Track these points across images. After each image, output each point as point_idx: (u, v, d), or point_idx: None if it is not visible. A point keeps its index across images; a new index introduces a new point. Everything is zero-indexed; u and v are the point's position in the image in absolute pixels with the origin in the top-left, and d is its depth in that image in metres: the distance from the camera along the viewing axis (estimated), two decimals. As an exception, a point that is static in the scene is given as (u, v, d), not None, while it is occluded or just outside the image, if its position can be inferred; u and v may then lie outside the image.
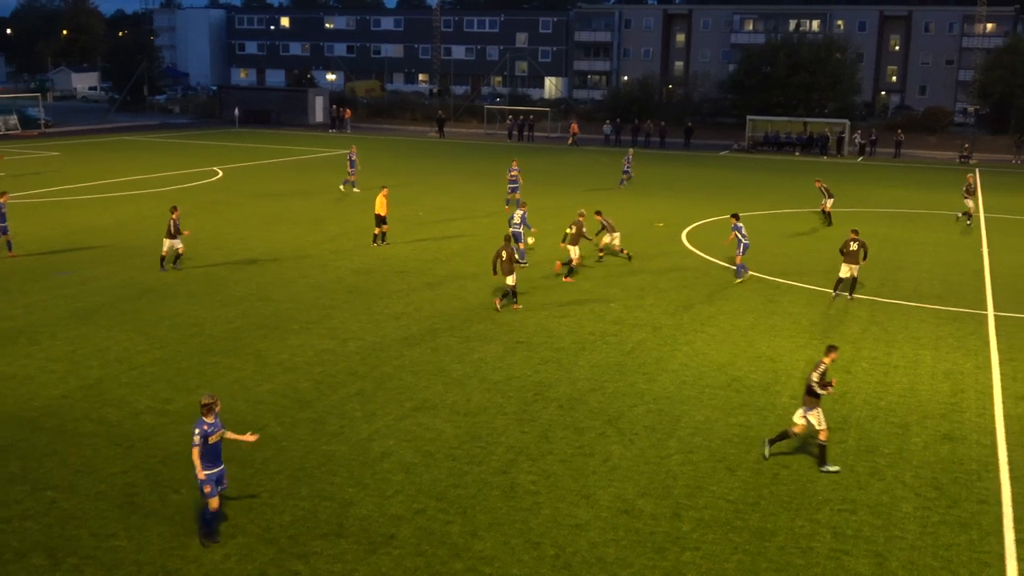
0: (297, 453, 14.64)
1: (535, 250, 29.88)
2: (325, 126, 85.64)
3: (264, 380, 17.89)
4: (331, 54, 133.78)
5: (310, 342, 20.33)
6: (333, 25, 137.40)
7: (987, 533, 12.71)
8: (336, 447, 14.90)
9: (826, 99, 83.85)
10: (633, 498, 13.42)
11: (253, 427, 15.51)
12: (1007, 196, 49.00)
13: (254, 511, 12.75)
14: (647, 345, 20.77)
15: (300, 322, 21.82)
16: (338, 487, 13.51)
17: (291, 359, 19.17)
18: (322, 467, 14.16)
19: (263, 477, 13.77)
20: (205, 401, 12.08)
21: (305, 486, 13.50)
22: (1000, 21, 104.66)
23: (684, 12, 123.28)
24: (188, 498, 13.01)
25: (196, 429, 11.93)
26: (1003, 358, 20.48)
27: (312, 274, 26.63)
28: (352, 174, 43.94)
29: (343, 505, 12.99)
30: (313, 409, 16.50)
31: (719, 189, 48.33)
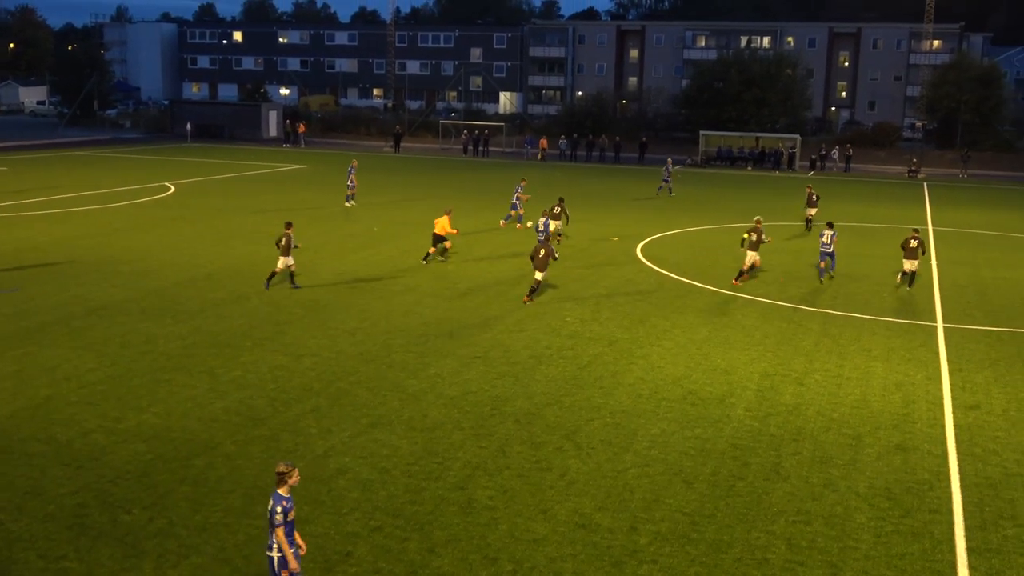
0: (251, 471, 14.47)
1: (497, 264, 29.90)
2: (279, 141, 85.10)
3: (217, 397, 17.68)
4: (284, 68, 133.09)
5: (264, 358, 20.13)
6: (287, 39, 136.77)
7: (939, 542, 12.87)
8: (291, 464, 14.74)
9: (777, 114, 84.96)
10: (590, 512, 13.43)
11: (206, 445, 15.34)
12: (955, 210, 49.88)
13: (208, 531, 12.57)
14: (603, 359, 20.83)
15: (254, 338, 21.61)
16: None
17: (245, 376, 18.97)
18: (277, 485, 14.00)
19: (217, 496, 13.59)
20: (281, 469, 10.34)
21: (260, 504, 13.33)
22: (946, 38, 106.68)
23: (637, 28, 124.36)
24: (140, 518, 12.80)
25: (278, 506, 10.17)
26: (952, 369, 20.80)
27: (266, 290, 26.39)
28: (351, 188, 43.87)
29: (298, 523, 12.78)
30: (267, 426, 16.33)
31: (673, 203, 48.68)
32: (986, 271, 32.47)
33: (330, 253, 32.12)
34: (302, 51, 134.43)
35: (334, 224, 38.45)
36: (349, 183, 44.02)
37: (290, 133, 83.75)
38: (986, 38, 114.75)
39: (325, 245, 33.57)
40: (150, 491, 13.67)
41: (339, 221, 39.28)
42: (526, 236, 36.54)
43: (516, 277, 28.96)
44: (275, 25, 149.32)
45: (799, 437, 16.52)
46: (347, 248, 33.11)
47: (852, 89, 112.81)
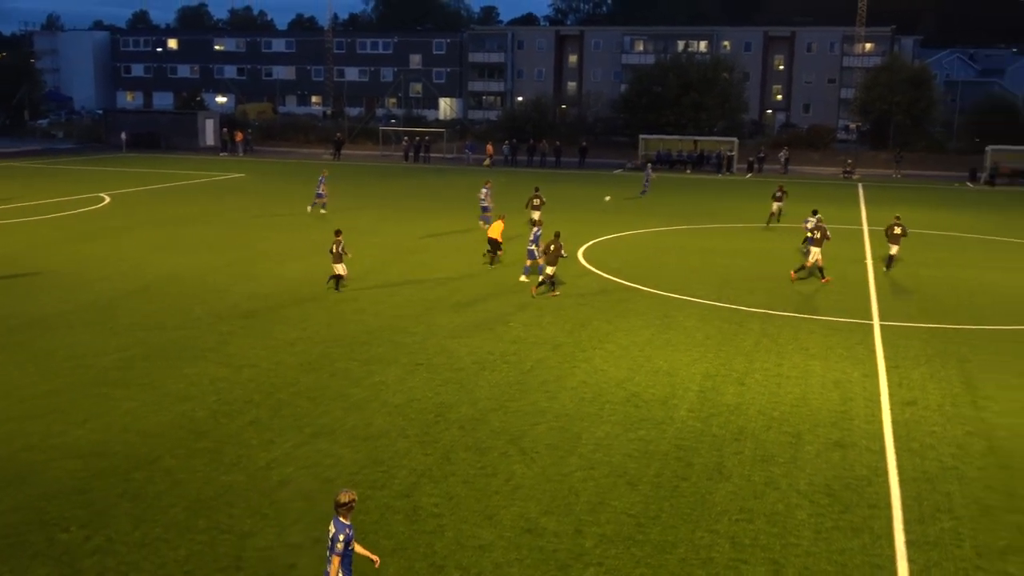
0: (193, 485, 14.27)
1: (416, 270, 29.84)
2: (216, 149, 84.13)
3: (158, 411, 17.41)
4: (221, 76, 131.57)
5: (205, 370, 19.87)
6: (223, 47, 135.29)
7: (878, 536, 13.10)
8: (233, 477, 14.58)
9: (715, 118, 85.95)
10: (536, 516, 13.45)
11: (146, 459, 15.10)
12: (889, 209, 50.77)
13: (148, 547, 12.37)
14: (547, 363, 20.89)
15: (194, 350, 21.33)
16: (236, 519, 13.21)
17: (185, 388, 18.71)
18: (219, 498, 13.83)
19: (157, 512, 13.38)
20: (345, 500, 9.98)
21: (202, 519, 13.17)
22: (878, 41, 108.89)
23: (576, 33, 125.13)
24: (77, 536, 12.56)
25: (340, 534, 9.92)
26: (889, 366, 21.19)
27: (207, 301, 26.07)
28: (322, 196, 43.98)
29: (241, 537, 12.71)
30: (209, 439, 16.12)
31: (614, 207, 48.97)
32: (920, 269, 33.13)
33: (271, 262, 31.82)
34: (239, 58, 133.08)
35: (275, 232, 38.10)
36: (319, 191, 44.17)
37: (228, 141, 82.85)
38: (916, 41, 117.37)
39: (265, 254, 33.24)
40: (88, 508, 13.42)
41: (280, 229, 38.92)
42: (474, 241, 36.55)
43: (459, 283, 28.94)
44: (211, 32, 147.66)
45: (741, 436, 16.71)
46: (288, 257, 32.82)
47: (787, 92, 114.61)
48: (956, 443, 16.59)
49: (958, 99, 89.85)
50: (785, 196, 44.95)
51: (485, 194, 41.06)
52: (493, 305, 26.30)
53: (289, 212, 44.40)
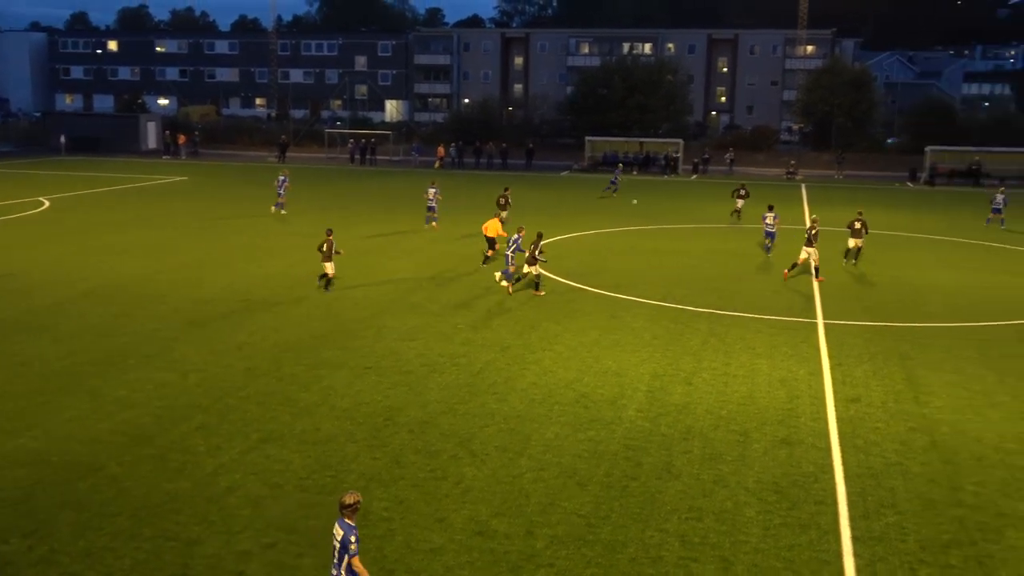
0: (138, 492, 14.04)
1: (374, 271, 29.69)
2: (159, 152, 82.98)
3: (101, 418, 17.11)
4: (163, 78, 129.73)
5: (150, 376, 19.57)
6: (165, 49, 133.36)
7: (825, 532, 13.27)
8: (180, 484, 14.37)
9: (660, 119, 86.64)
10: (487, 519, 13.43)
11: (91, 468, 14.83)
12: (831, 209, 51.52)
13: (93, 556, 12.15)
14: (496, 365, 20.88)
15: (138, 356, 20.99)
16: (183, 526, 13.03)
17: (130, 395, 18.41)
18: (165, 506, 13.63)
19: (102, 520, 13.14)
20: (350, 501, 10.13)
21: (148, 527, 12.96)
22: (819, 43, 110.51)
23: (521, 36, 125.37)
24: (19, 547, 12.29)
25: (352, 535, 9.98)
26: (833, 364, 21.49)
27: (151, 306, 25.69)
28: (281, 196, 44.37)
29: (188, 544, 12.53)
30: (154, 445, 15.87)
31: (561, 209, 49.15)
32: (862, 267, 33.65)
33: (217, 266, 31.46)
34: (181, 60, 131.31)
35: (220, 236, 37.67)
36: (280, 192, 44.64)
37: (170, 144, 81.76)
38: (857, 43, 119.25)
39: (211, 258, 32.86)
40: (30, 518, 13.14)
41: (226, 233, 38.49)
42: (422, 243, 36.44)
43: (408, 285, 28.84)
44: (152, 34, 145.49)
45: (689, 435, 16.84)
46: (234, 260, 32.47)
47: (731, 94, 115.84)
48: (899, 439, 16.86)
49: (898, 101, 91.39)
50: (747, 195, 46.63)
51: (432, 195, 41.43)
52: (442, 307, 26.24)
53: (234, 216, 43.95)
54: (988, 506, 14.17)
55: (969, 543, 13.01)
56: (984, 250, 38.55)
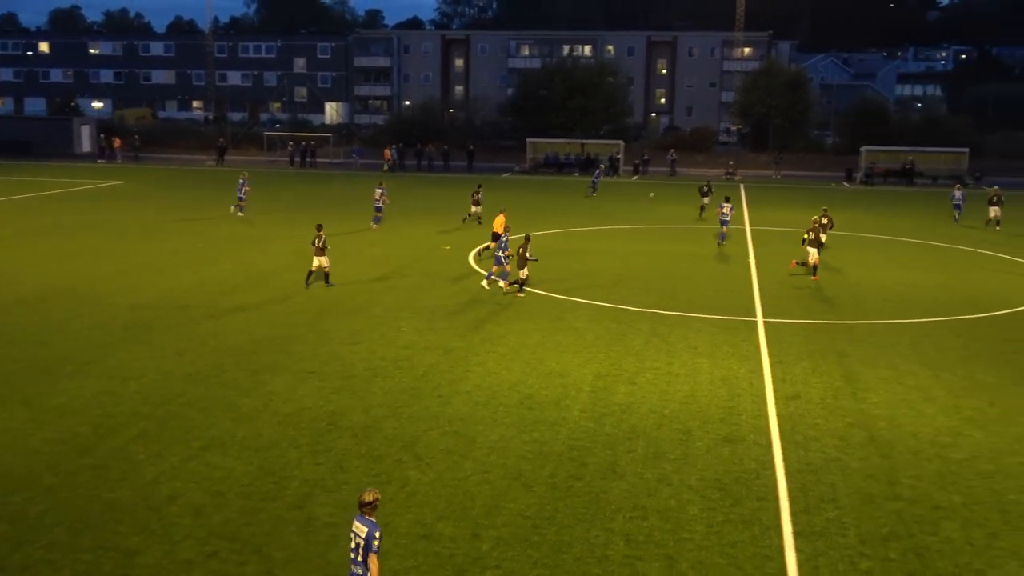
0: (77, 503, 13.77)
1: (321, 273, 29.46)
2: (93, 156, 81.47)
3: (37, 428, 16.74)
4: (97, 81, 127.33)
5: (87, 384, 19.21)
6: (98, 50, 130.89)
7: (767, 528, 13.44)
8: (119, 493, 14.12)
9: (601, 121, 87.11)
10: (432, 522, 13.39)
11: (26, 479, 14.51)
12: (769, 209, 52.27)
13: (30, 570, 11.89)
14: (440, 368, 20.84)
15: (75, 363, 20.59)
16: (123, 536, 12.80)
17: (67, 403, 18.04)
18: (104, 515, 13.38)
19: (39, 532, 12.86)
20: (370, 499, 10.20)
21: (87, 537, 12.72)
22: (756, 46, 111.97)
23: (461, 37, 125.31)
24: (-48, 561, 11.99)
25: (376, 532, 10.01)
26: (773, 361, 21.78)
27: (87, 312, 25.22)
28: (242, 199, 44.47)
29: (128, 555, 12.32)
30: (93, 455, 15.58)
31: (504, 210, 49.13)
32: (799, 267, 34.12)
33: (155, 271, 30.97)
34: (115, 62, 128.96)
35: (159, 241, 37.10)
36: (240, 194, 44.76)
37: (105, 148, 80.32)
38: (792, 45, 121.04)
39: (149, 263, 32.36)
40: (-37, 532, 12.83)
41: (163, 238, 37.92)
42: (365, 245, 36.23)
43: (350, 288, 28.66)
44: (85, 35, 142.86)
45: (633, 435, 16.95)
46: (173, 265, 32.00)
47: (670, 95, 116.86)
48: (838, 435, 17.14)
49: (833, 102, 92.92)
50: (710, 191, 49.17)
51: (380, 195, 41.84)
52: (385, 310, 26.12)
53: (172, 220, 43.33)
54: (924, 499, 14.46)
55: (907, 536, 13.27)
56: (917, 248, 39.33)
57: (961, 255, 37.63)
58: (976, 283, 31.61)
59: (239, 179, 46.03)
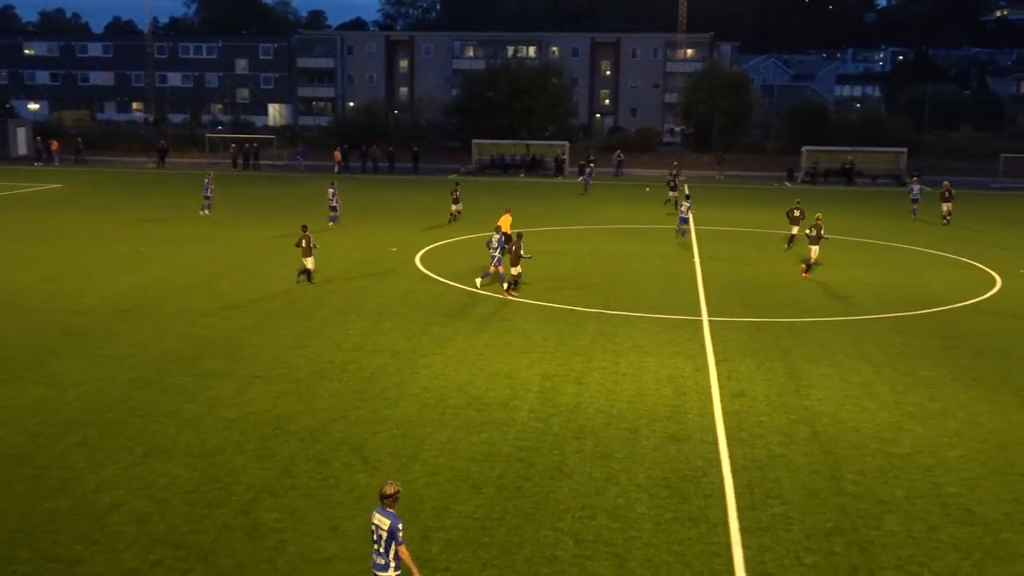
0: (15, 514, 13.47)
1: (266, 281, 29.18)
2: (30, 159, 79.90)
3: (-28, 437, 16.36)
4: (32, 82, 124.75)
5: (25, 391, 18.81)
6: (33, 51, 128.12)
7: (714, 525, 13.55)
8: (59, 503, 13.85)
9: (546, 122, 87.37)
10: (381, 526, 13.31)
11: (-39, 490, 14.16)
12: (713, 209, 52.73)
13: (-34, 582, 11.62)
14: (387, 370, 20.73)
15: (12, 371, 20.15)
16: (64, 546, 12.55)
17: (3, 412, 17.65)
18: (44, 526, 13.11)
19: (-24, 544, 12.58)
20: (391, 491, 10.39)
21: (26, 549, 12.45)
22: (698, 47, 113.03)
23: (406, 38, 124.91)
24: None
25: (399, 523, 10.29)
26: (718, 360, 21.98)
27: (24, 318, 24.71)
28: (209, 199, 45.48)
29: (70, 565, 12.08)
30: (31, 464, 15.25)
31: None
32: (743, 266, 34.54)
33: (96, 276, 30.44)
34: (52, 63, 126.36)
35: (99, 245, 36.48)
36: (207, 194, 45.38)
37: (42, 151, 78.78)
38: (734, 47, 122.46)
39: (90, 268, 31.79)
40: None
41: (104, 242, 37.28)
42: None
43: (296, 291, 28.41)
44: (20, 36, 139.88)
45: (581, 435, 17.00)
46: (114, 270, 31.47)
47: (615, 96, 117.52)
48: (783, 431, 17.35)
49: (774, 102, 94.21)
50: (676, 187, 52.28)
51: (332, 194, 42.67)
52: (331, 313, 25.93)
53: (112, 223, 42.62)
54: (868, 494, 14.68)
55: (851, 530, 13.46)
56: (858, 246, 39.95)
57: (901, 252, 38.31)
58: (916, 280, 32.19)
59: (204, 179, 46.57)
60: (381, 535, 10.32)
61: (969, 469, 15.70)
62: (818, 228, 32.82)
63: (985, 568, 12.44)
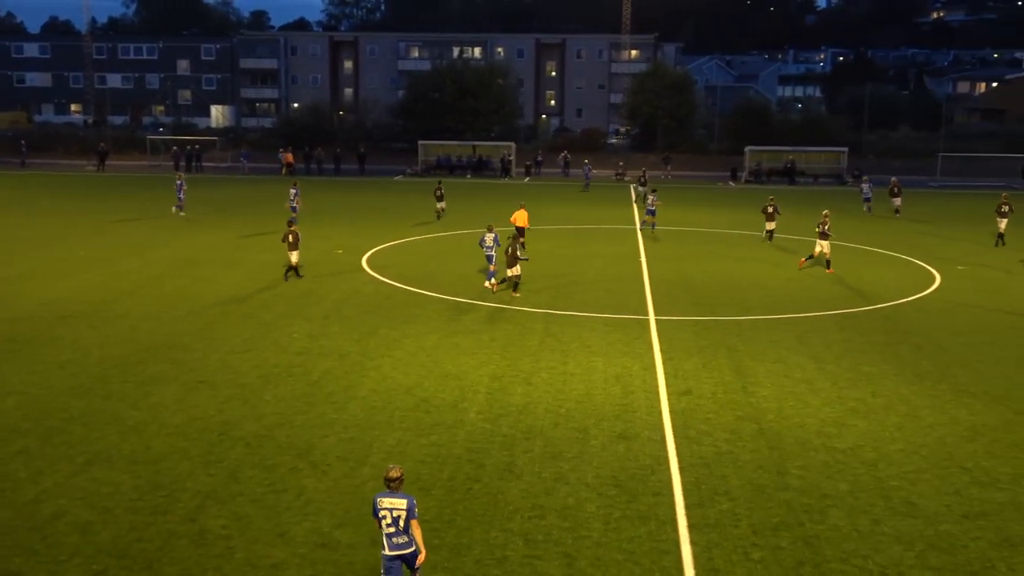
0: (-48, 525, 13.17)
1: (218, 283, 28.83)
2: (-34, 162, 78.15)
3: (-93, 448, 15.96)
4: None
5: (-39, 400, 18.39)
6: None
7: (663, 523, 13.64)
8: (-2, 513, 13.56)
9: (492, 123, 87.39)
10: (330, 530, 13.22)
11: None
12: (661, 210, 53.06)
13: (-98, 597, 11.32)
14: (334, 373, 20.58)
15: (-53, 379, 19.70)
16: (3, 559, 12.28)
17: (-61, 421, 17.24)
18: (-17, 537, 12.83)
19: (-89, 557, 12.27)
20: (396, 474, 11.00)
21: (-37, 561, 12.18)
22: (643, 48, 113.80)
23: (350, 39, 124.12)
24: None
25: (414, 500, 11.02)
26: (665, 358, 22.14)
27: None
28: (181, 199, 46.48)
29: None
30: (-32, 474, 14.92)
31: (396, 213, 48.90)
32: (689, 264, 34.82)
33: (35, 282, 29.84)
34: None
35: (38, 250, 35.77)
36: (179, 195, 46.57)
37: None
38: (678, 48, 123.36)
39: (30, 273, 31.16)
40: None
41: (44, 246, 36.57)
42: (254, 249, 35.57)
43: (241, 294, 28.11)
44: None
45: (530, 435, 17.02)
46: (53, 275, 30.88)
47: (560, 97, 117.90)
48: (729, 428, 17.52)
49: (718, 103, 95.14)
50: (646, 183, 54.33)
51: (294, 195, 43.75)
52: (277, 316, 25.69)
53: (50, 227, 41.83)
54: (812, 489, 14.88)
55: (797, 524, 13.63)
56: (800, 244, 40.48)
57: (843, 250, 38.87)
58: (858, 277, 32.69)
59: (176, 180, 47.66)
60: (399, 516, 10.82)
61: (910, 462, 15.98)
62: (824, 224, 33.86)
63: (927, 559, 12.67)
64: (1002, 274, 33.72)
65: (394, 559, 10.87)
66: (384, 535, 10.87)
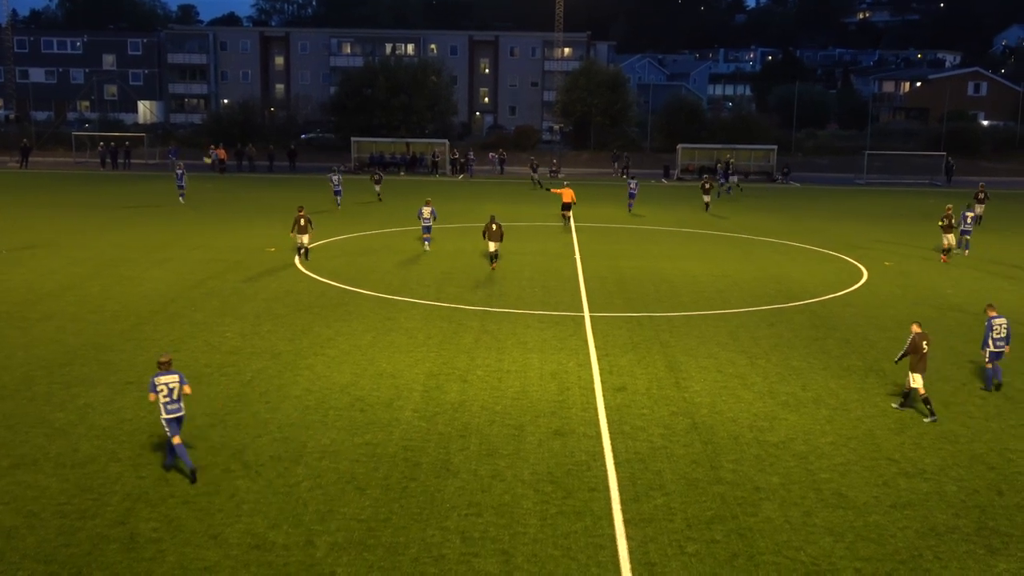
0: None
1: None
2: None
3: None
4: None
5: None
6: None
7: (599, 518, 13.71)
8: (-82, 520, 13.14)
9: (425, 120, 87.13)
10: (264, 531, 13.05)
11: None
12: (591, 207, 53.43)
13: None
14: (267, 373, 20.34)
15: None
16: (-76, 566, 11.93)
17: None
18: (-98, 545, 12.43)
19: None
20: (166, 359, 15.03)
21: None
22: (575, 46, 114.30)
23: (281, 35, 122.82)
24: None
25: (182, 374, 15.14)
26: (600, 355, 22.26)
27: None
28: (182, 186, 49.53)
29: (-69, 585, 11.48)
30: None
31: (328, 211, 48.47)
32: (623, 261, 35.07)
33: (-48, 281, 29.00)
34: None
35: (-45, 249, 34.78)
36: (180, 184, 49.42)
37: None
38: (610, 46, 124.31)
39: (-55, 272, 30.28)
40: None
41: (-39, 245, 35.56)
42: (182, 250, 34.98)
43: (169, 294, 27.63)
44: None
45: (466, 433, 16.99)
46: (-28, 274, 30.05)
47: (494, 95, 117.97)
48: (663, 423, 17.67)
49: (650, 101, 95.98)
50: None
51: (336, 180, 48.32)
52: (207, 316, 25.30)
53: (-28, 225, 40.71)
54: (745, 482, 15.07)
55: (731, 518, 13.80)
56: (730, 241, 41.03)
57: (772, 247, 39.48)
58: (787, 273, 33.22)
59: (176, 170, 49.83)
60: (173, 388, 14.76)
61: (840, 455, 16.28)
62: (948, 218, 35.80)
63: (857, 550, 12.91)
64: (927, 269, 34.53)
65: (171, 421, 14.72)
66: (161, 404, 14.65)
